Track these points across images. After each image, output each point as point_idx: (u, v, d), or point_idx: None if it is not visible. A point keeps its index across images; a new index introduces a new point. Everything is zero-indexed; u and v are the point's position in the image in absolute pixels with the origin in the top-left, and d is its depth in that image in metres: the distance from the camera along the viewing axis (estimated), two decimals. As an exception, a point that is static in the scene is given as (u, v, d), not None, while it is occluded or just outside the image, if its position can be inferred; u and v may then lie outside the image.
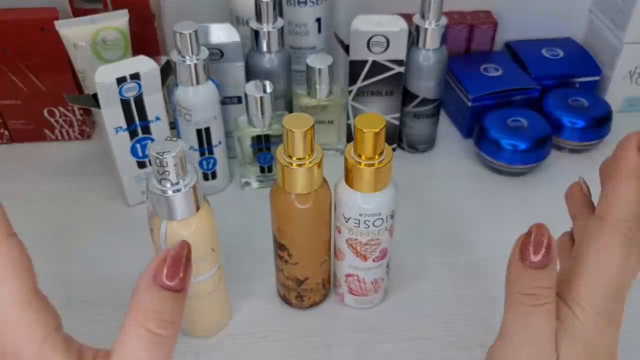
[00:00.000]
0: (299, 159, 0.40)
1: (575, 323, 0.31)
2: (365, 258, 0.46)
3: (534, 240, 0.30)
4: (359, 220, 0.43)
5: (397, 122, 0.66)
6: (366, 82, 0.62)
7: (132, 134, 0.55)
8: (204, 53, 0.54)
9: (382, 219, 0.43)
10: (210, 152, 0.59)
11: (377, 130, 0.39)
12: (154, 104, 0.55)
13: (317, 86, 0.60)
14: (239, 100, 0.62)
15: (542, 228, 0.30)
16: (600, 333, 0.31)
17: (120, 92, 0.52)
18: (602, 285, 0.31)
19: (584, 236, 0.33)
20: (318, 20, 0.66)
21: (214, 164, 0.60)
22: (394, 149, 0.67)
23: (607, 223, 0.32)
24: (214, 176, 0.61)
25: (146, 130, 0.56)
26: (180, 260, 0.28)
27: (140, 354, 0.27)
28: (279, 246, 0.46)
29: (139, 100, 0.54)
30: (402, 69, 0.61)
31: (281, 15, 0.63)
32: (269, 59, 0.60)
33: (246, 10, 0.63)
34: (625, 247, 0.31)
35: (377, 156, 0.40)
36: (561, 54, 0.74)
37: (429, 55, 0.60)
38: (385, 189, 0.43)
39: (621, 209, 0.32)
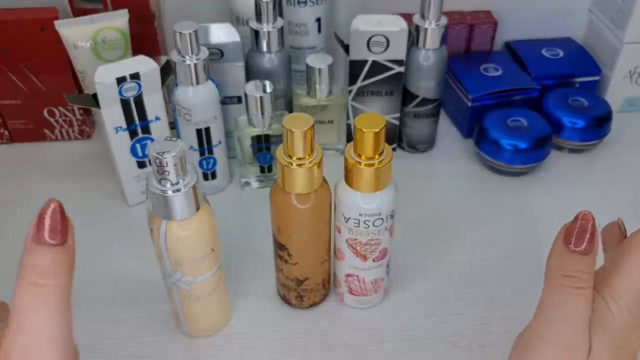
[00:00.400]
0: (299, 158, 0.40)
1: (608, 315, 0.31)
2: (365, 258, 0.46)
3: (579, 226, 0.31)
4: (358, 220, 0.43)
5: (397, 122, 0.66)
6: (366, 82, 0.62)
7: (132, 133, 0.55)
8: (204, 53, 0.54)
9: (382, 218, 0.43)
10: (210, 152, 0.59)
11: (377, 130, 0.39)
12: (154, 104, 0.55)
13: (317, 86, 0.60)
14: (239, 100, 0.62)
15: (588, 216, 0.32)
16: (629, 332, 0.32)
17: (120, 92, 0.52)
18: (638, 285, 0.32)
19: (633, 238, 0.34)
20: (318, 20, 0.66)
21: (214, 163, 0.60)
22: (394, 149, 0.67)
23: None
24: (213, 176, 0.61)
25: (146, 130, 0.56)
26: (56, 219, 0.32)
27: (26, 304, 0.29)
28: (279, 246, 0.46)
29: (138, 100, 0.54)
30: (402, 69, 0.61)
31: (281, 15, 0.63)
32: (269, 59, 0.60)
33: (246, 10, 0.63)
34: None
35: (377, 156, 0.40)
36: (561, 53, 0.74)
37: (429, 55, 0.60)
38: (385, 189, 0.43)
39: None
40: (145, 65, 0.53)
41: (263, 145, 0.59)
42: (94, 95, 0.52)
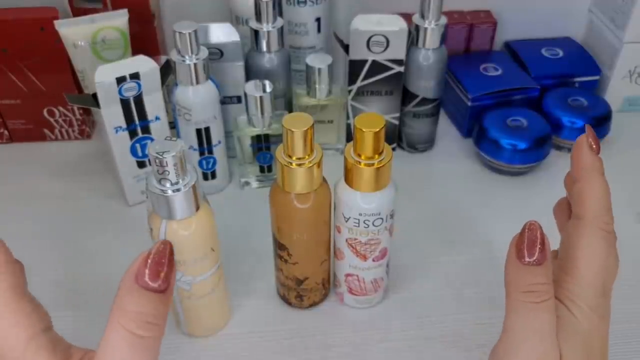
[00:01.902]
0: (299, 158, 0.40)
1: (572, 320, 0.31)
2: (364, 258, 0.46)
3: (528, 238, 0.31)
4: (358, 219, 0.43)
5: (396, 122, 0.66)
6: (366, 82, 0.62)
7: (132, 133, 0.55)
8: (204, 53, 0.54)
9: (381, 218, 0.43)
10: (210, 151, 0.59)
11: (377, 129, 0.39)
12: (154, 104, 0.55)
13: (317, 86, 0.60)
14: (238, 100, 0.62)
15: (534, 225, 0.31)
16: (595, 328, 0.32)
17: (119, 92, 0.52)
18: (592, 282, 0.32)
19: (568, 237, 0.34)
20: (318, 19, 0.66)
21: (214, 163, 0.60)
22: (393, 149, 0.68)
23: (586, 220, 0.33)
24: (213, 176, 0.61)
25: (146, 130, 0.56)
26: (162, 260, 0.28)
27: (122, 355, 0.27)
28: (279, 246, 0.46)
29: (138, 99, 0.54)
30: (401, 69, 0.61)
31: (281, 14, 0.63)
32: (269, 59, 0.60)
33: (246, 9, 0.63)
34: (606, 241, 0.33)
35: (376, 156, 0.40)
36: (561, 53, 0.74)
37: (429, 54, 0.60)
38: (385, 189, 0.43)
39: (593, 205, 0.33)
40: (145, 65, 0.53)
41: (263, 145, 0.59)
42: (94, 95, 0.52)
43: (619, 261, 0.34)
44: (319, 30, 0.66)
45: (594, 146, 0.35)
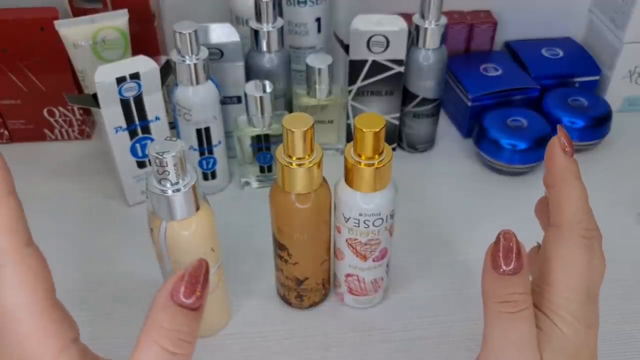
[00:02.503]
0: (299, 158, 0.40)
1: (556, 332, 0.31)
2: (365, 258, 0.46)
3: (503, 247, 0.30)
4: (358, 220, 0.43)
5: (396, 122, 0.66)
6: (366, 82, 0.62)
7: (132, 133, 0.55)
8: (204, 53, 0.54)
9: (381, 218, 0.43)
10: (210, 151, 0.59)
11: (377, 130, 0.39)
12: (154, 104, 0.55)
13: (317, 86, 0.60)
14: (238, 100, 0.62)
15: (509, 234, 0.30)
16: (582, 338, 0.31)
17: (119, 92, 0.52)
18: (574, 291, 0.31)
19: (546, 246, 0.33)
20: (318, 20, 0.66)
21: (214, 163, 0.60)
22: (393, 149, 0.67)
23: (564, 229, 0.32)
24: (213, 176, 0.61)
25: (146, 130, 0.56)
26: (198, 278, 0.28)
27: None
28: (279, 246, 0.46)
29: (138, 100, 0.54)
30: (401, 69, 0.61)
31: (281, 15, 0.63)
32: (269, 59, 0.60)
33: (246, 10, 0.63)
34: (586, 248, 0.32)
35: (376, 156, 0.40)
36: (561, 53, 0.74)
37: (429, 55, 0.60)
38: (385, 189, 0.43)
39: (570, 212, 0.32)
40: (145, 65, 0.53)
41: (263, 145, 0.59)
42: (94, 95, 0.52)
43: (606, 260, 0.33)
44: (319, 30, 0.66)
45: (568, 148, 0.33)
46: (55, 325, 0.27)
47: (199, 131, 0.57)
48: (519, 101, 0.68)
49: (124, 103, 0.53)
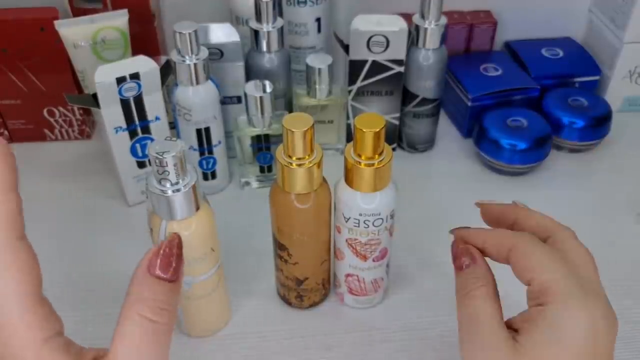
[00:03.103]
0: (299, 158, 0.40)
1: (545, 312, 0.32)
2: (365, 258, 0.46)
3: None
4: (358, 220, 0.43)
5: (396, 122, 0.66)
6: (366, 82, 0.62)
7: (132, 133, 0.55)
8: (204, 53, 0.54)
9: (381, 218, 0.43)
10: (210, 151, 0.59)
11: (377, 130, 0.39)
12: (154, 104, 0.55)
13: (317, 86, 0.60)
14: (238, 100, 0.62)
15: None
16: (579, 311, 0.31)
17: (119, 92, 0.52)
18: (554, 271, 0.32)
19: (517, 261, 0.34)
20: (318, 20, 0.66)
21: (214, 163, 0.60)
22: (393, 149, 0.67)
23: (524, 241, 0.35)
24: (213, 176, 0.61)
25: (146, 130, 0.56)
26: (172, 252, 0.31)
27: (140, 340, 0.28)
28: (279, 246, 0.46)
29: (138, 100, 0.54)
30: (401, 69, 0.61)
31: (281, 15, 0.63)
32: (269, 59, 0.60)
33: (246, 10, 0.63)
34: (551, 246, 0.34)
35: (376, 156, 0.40)
36: (561, 53, 0.74)
37: (429, 55, 0.60)
38: (385, 189, 0.43)
39: (532, 225, 0.37)
40: (145, 65, 0.53)
41: (263, 145, 0.59)
42: (94, 95, 0.52)
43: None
44: (319, 30, 0.66)
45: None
46: (39, 318, 0.28)
47: (199, 131, 0.57)
48: (519, 101, 0.68)
49: (124, 103, 0.53)
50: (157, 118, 0.56)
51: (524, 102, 0.68)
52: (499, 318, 0.33)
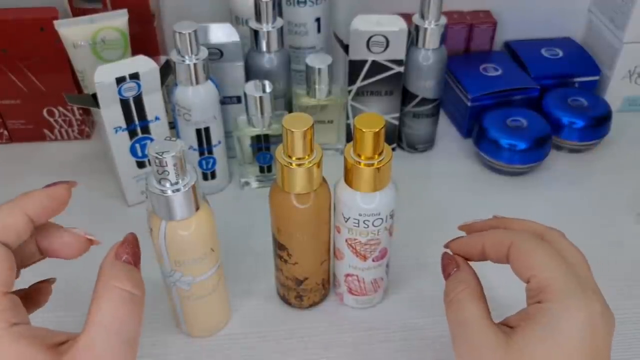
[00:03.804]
0: (299, 158, 0.40)
1: (544, 311, 0.32)
2: (364, 258, 0.46)
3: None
4: (358, 220, 0.43)
5: (396, 122, 0.66)
6: (366, 82, 0.62)
7: (132, 133, 0.55)
8: (204, 53, 0.54)
9: (381, 218, 0.43)
10: (210, 151, 0.59)
11: (377, 130, 0.39)
12: (154, 104, 0.55)
13: (317, 86, 0.60)
14: (238, 100, 0.62)
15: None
16: (578, 312, 0.31)
17: (119, 92, 0.52)
18: (554, 269, 0.33)
19: (516, 257, 0.34)
20: (317, 20, 0.66)
21: (214, 163, 0.60)
22: (393, 149, 0.68)
23: (522, 236, 0.35)
24: (213, 176, 0.61)
25: (145, 130, 0.56)
26: (134, 241, 0.35)
27: (121, 309, 0.31)
28: (279, 246, 0.46)
29: (138, 100, 0.54)
30: (401, 69, 0.61)
31: (281, 15, 0.63)
32: (269, 59, 0.60)
33: (246, 10, 0.63)
34: (548, 244, 0.34)
35: (376, 156, 0.40)
36: (560, 53, 0.74)
37: (429, 55, 0.60)
38: (385, 189, 0.43)
39: (522, 225, 0.37)
40: (145, 65, 0.53)
41: (262, 145, 0.59)
42: (94, 95, 0.52)
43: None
44: (318, 30, 0.66)
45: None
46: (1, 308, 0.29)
47: (198, 131, 0.57)
48: (518, 101, 0.68)
49: (124, 103, 0.53)
50: (156, 118, 0.56)
51: (524, 102, 0.68)
52: (486, 316, 0.34)
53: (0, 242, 0.31)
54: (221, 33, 0.58)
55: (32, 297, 0.37)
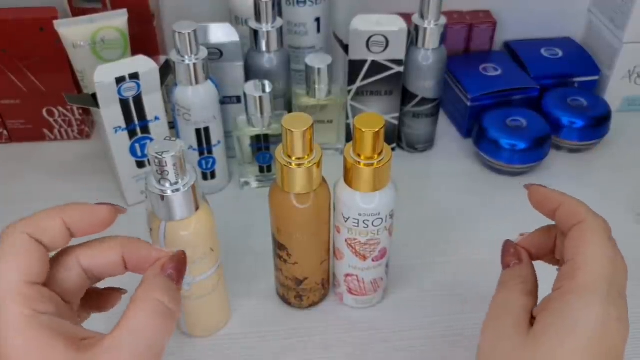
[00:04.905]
0: (298, 158, 0.40)
1: (577, 311, 0.31)
2: (364, 258, 0.46)
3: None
4: (358, 220, 0.43)
5: (396, 122, 0.66)
6: (365, 82, 0.62)
7: (131, 133, 0.55)
8: (203, 53, 0.54)
9: (381, 218, 0.43)
10: (210, 151, 0.59)
11: (377, 129, 0.39)
12: (153, 104, 0.55)
13: (317, 86, 0.60)
14: (238, 100, 0.62)
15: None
16: (608, 327, 0.31)
17: (119, 92, 0.52)
18: (602, 275, 0.32)
19: (573, 243, 0.34)
20: (317, 19, 0.66)
21: (213, 163, 0.60)
22: (393, 149, 0.68)
23: (589, 227, 0.35)
24: (213, 176, 0.61)
25: (145, 130, 0.56)
26: (183, 259, 0.35)
27: (155, 320, 0.31)
28: (278, 246, 0.46)
29: (138, 100, 0.54)
30: (401, 69, 0.61)
31: (280, 14, 0.63)
32: (268, 59, 0.60)
33: (245, 10, 0.63)
34: (613, 247, 0.34)
35: (376, 156, 0.40)
36: (560, 53, 0.74)
37: (428, 54, 0.60)
38: (385, 189, 0.43)
39: (590, 213, 0.36)
40: (145, 65, 0.53)
41: (262, 145, 0.59)
42: (93, 95, 0.52)
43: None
44: (318, 30, 0.66)
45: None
46: (25, 298, 0.29)
47: (198, 131, 0.57)
48: (518, 101, 0.68)
49: (124, 103, 0.53)
50: (156, 118, 0.56)
51: (524, 102, 0.68)
52: (527, 312, 0.33)
53: (33, 238, 0.31)
54: (221, 33, 0.58)
55: (99, 299, 0.39)
